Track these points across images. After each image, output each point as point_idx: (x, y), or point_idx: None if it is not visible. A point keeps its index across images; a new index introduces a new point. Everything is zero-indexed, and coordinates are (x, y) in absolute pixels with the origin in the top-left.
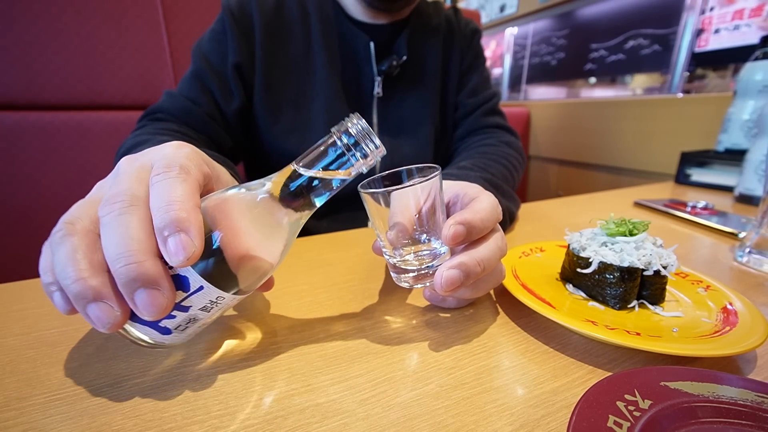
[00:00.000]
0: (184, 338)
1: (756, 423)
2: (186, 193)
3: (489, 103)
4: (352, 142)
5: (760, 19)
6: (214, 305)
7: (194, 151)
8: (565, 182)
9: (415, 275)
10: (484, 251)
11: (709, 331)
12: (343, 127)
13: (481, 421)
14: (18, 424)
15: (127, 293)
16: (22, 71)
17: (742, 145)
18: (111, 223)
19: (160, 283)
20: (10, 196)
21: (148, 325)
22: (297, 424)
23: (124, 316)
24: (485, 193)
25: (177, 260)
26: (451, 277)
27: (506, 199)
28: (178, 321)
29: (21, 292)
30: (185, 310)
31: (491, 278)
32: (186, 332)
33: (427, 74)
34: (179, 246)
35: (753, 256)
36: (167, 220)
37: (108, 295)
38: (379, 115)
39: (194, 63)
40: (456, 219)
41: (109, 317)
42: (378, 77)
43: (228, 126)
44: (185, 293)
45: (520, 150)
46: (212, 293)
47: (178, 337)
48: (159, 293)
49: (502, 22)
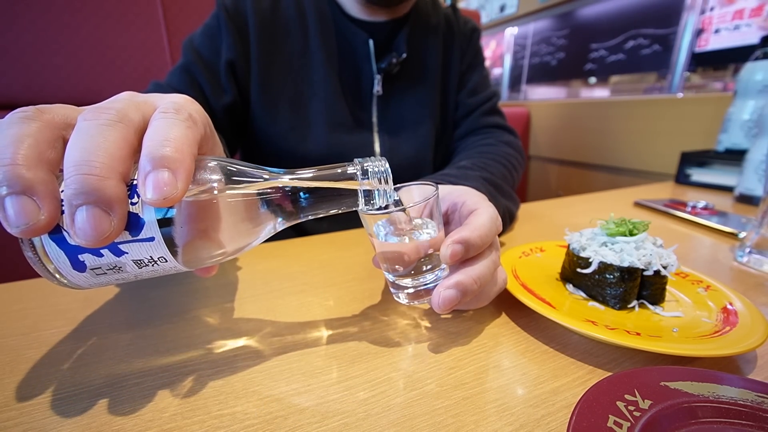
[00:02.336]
0: (92, 285)
1: (756, 423)
2: (189, 138)
3: (489, 102)
4: (366, 181)
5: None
6: (150, 264)
7: (202, 110)
8: (565, 182)
9: (412, 292)
10: (481, 269)
11: (709, 331)
12: (367, 165)
13: (481, 421)
14: (18, 424)
15: (69, 205)
16: (22, 71)
17: (742, 145)
18: (87, 130)
19: (113, 207)
20: None
21: (66, 251)
22: (297, 424)
23: (47, 222)
24: (484, 203)
25: (152, 196)
26: (449, 297)
27: (506, 199)
28: (100, 262)
29: (21, 292)
30: (118, 255)
31: (492, 289)
32: (99, 279)
33: (427, 72)
34: (162, 182)
35: (753, 256)
36: (160, 153)
37: (41, 193)
38: (378, 114)
39: (185, 56)
40: (454, 238)
41: (29, 216)
42: (378, 75)
43: (215, 120)
44: (131, 237)
45: (519, 149)
46: (158, 250)
47: (87, 280)
48: (107, 218)
49: (502, 22)
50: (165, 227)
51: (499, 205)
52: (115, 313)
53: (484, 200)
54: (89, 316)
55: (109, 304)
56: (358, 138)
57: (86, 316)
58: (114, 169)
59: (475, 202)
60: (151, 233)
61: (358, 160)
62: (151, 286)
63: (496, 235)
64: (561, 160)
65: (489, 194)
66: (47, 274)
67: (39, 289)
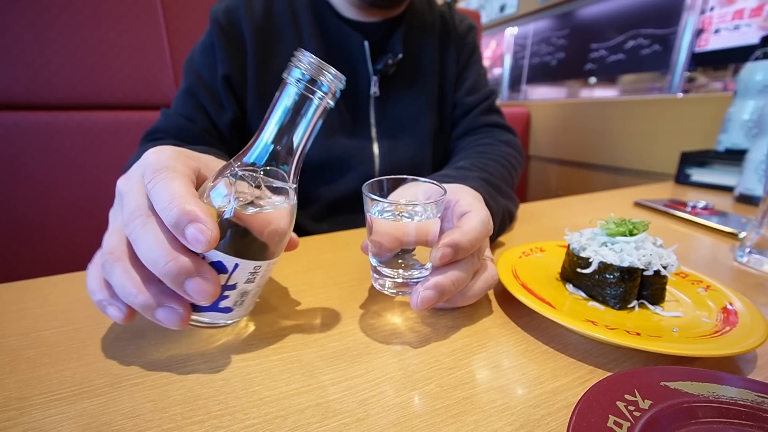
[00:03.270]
0: (246, 309)
1: (756, 423)
2: (180, 188)
3: (487, 101)
4: (307, 79)
5: (760, 19)
6: (256, 275)
7: (174, 150)
8: (565, 182)
9: (398, 283)
10: (459, 272)
11: (709, 331)
12: (294, 65)
13: (481, 421)
14: (18, 424)
15: (178, 288)
16: (22, 71)
17: (742, 145)
18: (138, 238)
19: (199, 270)
20: (10, 196)
21: (211, 310)
22: (297, 424)
23: (186, 310)
24: (477, 205)
25: (199, 247)
26: (427, 297)
27: (505, 199)
28: (233, 299)
29: (21, 292)
30: (233, 288)
31: (475, 287)
32: (245, 305)
33: (424, 72)
34: (194, 235)
35: (753, 256)
36: (174, 217)
37: (166, 299)
38: (376, 116)
39: (187, 78)
40: (445, 241)
41: (174, 316)
42: (374, 77)
43: (223, 138)
44: (226, 274)
45: (518, 148)
46: (248, 266)
47: (240, 310)
48: (202, 279)
49: (502, 22)
50: (232, 254)
51: (499, 205)
52: None
53: (478, 201)
54: (89, 316)
55: None
56: (357, 140)
57: (86, 316)
58: (173, 248)
59: (469, 203)
60: (233, 262)
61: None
62: None
63: (487, 237)
64: (561, 160)
65: (488, 194)
66: (224, 325)
67: (39, 289)
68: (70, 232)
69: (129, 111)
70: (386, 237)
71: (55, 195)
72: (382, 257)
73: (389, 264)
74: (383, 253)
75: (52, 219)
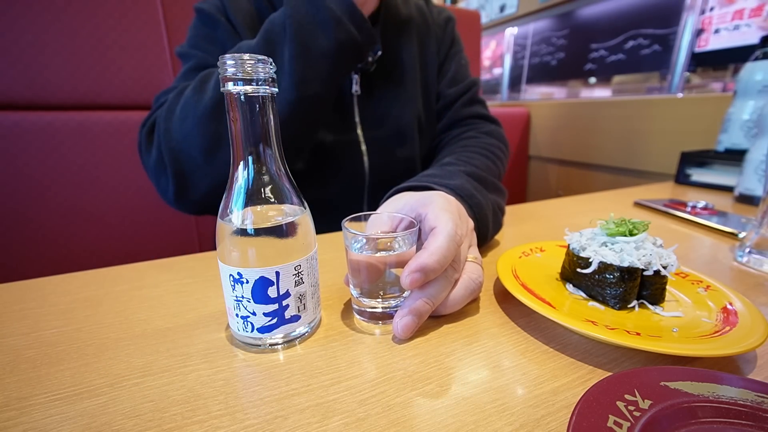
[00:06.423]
0: (315, 310)
1: (756, 423)
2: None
3: (469, 92)
4: (238, 75)
5: (760, 19)
6: (301, 274)
7: None
8: (565, 182)
9: (377, 313)
10: (435, 290)
11: (709, 331)
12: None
13: (481, 421)
14: (18, 424)
15: None
16: (22, 71)
17: (742, 145)
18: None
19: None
20: (10, 196)
21: (280, 325)
22: (297, 424)
23: None
24: (443, 219)
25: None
26: (407, 324)
27: (492, 193)
28: (293, 305)
29: (21, 292)
30: (288, 296)
31: (458, 296)
32: (309, 308)
33: (405, 68)
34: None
35: (753, 256)
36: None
37: None
38: (360, 114)
39: (187, 60)
40: (411, 267)
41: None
42: (355, 75)
43: None
44: (273, 286)
45: (502, 138)
46: (289, 269)
47: (308, 314)
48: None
49: (502, 22)
50: (271, 264)
51: (487, 199)
52: (114, 314)
53: (445, 212)
54: (89, 316)
55: (109, 304)
56: (343, 139)
57: (86, 316)
58: None
59: (436, 216)
60: (272, 272)
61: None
62: (150, 287)
63: (459, 249)
64: (561, 160)
65: (474, 189)
66: (298, 337)
67: (39, 289)
68: (70, 232)
69: (129, 111)
70: (365, 271)
71: (55, 195)
72: (362, 289)
73: (370, 294)
74: (363, 285)
75: (51, 219)
